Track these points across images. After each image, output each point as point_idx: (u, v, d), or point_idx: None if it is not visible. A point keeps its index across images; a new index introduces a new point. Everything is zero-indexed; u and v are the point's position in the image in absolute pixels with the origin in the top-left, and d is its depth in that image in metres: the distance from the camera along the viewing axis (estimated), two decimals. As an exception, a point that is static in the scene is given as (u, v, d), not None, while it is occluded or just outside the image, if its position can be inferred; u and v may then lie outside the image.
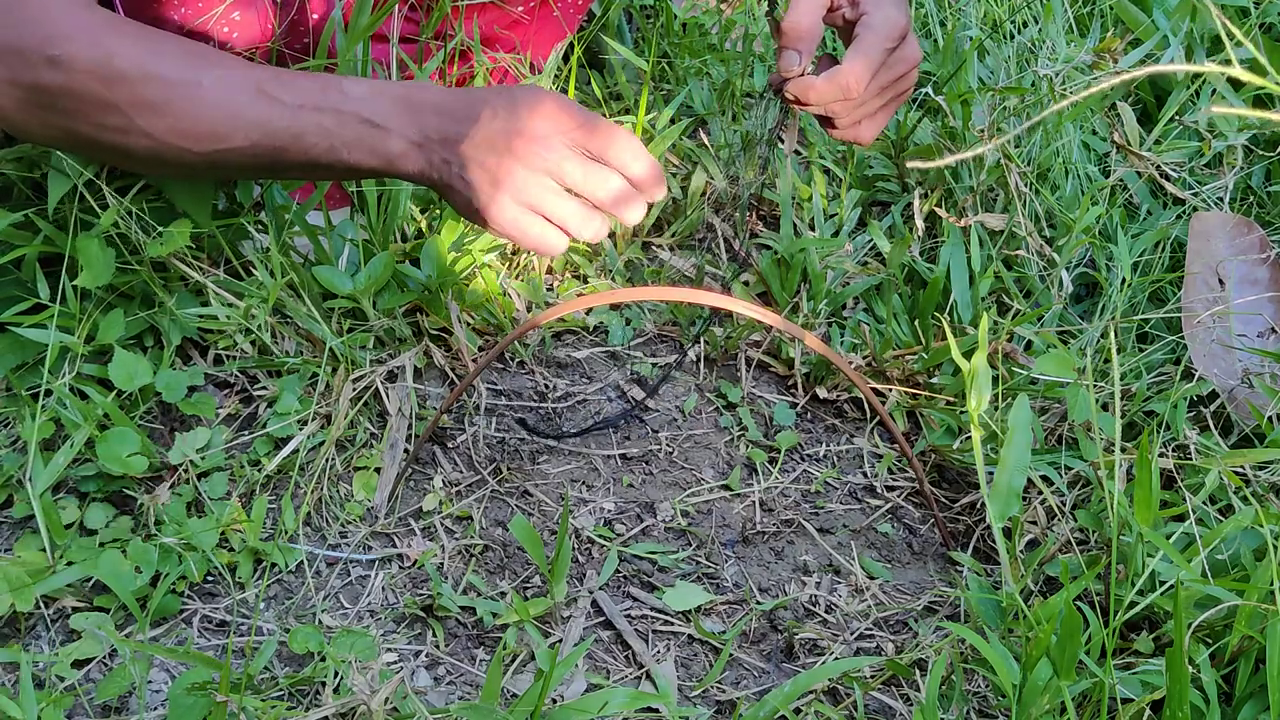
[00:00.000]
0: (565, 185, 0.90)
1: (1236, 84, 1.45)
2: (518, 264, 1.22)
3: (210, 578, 0.95)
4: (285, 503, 0.99)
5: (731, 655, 0.95)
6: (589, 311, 1.21)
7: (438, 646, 0.93)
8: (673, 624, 0.97)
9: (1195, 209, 1.30)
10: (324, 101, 0.89)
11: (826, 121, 1.00)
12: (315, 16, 1.14)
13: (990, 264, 1.22)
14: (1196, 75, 1.37)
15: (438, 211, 1.19)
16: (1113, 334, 0.98)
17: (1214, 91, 1.44)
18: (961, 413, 1.09)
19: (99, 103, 0.86)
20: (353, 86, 0.90)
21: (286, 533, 0.98)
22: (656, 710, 0.89)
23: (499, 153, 0.89)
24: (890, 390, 1.13)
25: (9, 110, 0.87)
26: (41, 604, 0.90)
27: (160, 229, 1.01)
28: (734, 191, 1.32)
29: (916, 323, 1.18)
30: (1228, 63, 1.34)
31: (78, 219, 0.99)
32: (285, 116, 0.89)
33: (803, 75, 0.95)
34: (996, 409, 1.08)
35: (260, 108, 0.89)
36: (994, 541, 1.01)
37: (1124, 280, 1.20)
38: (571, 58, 1.32)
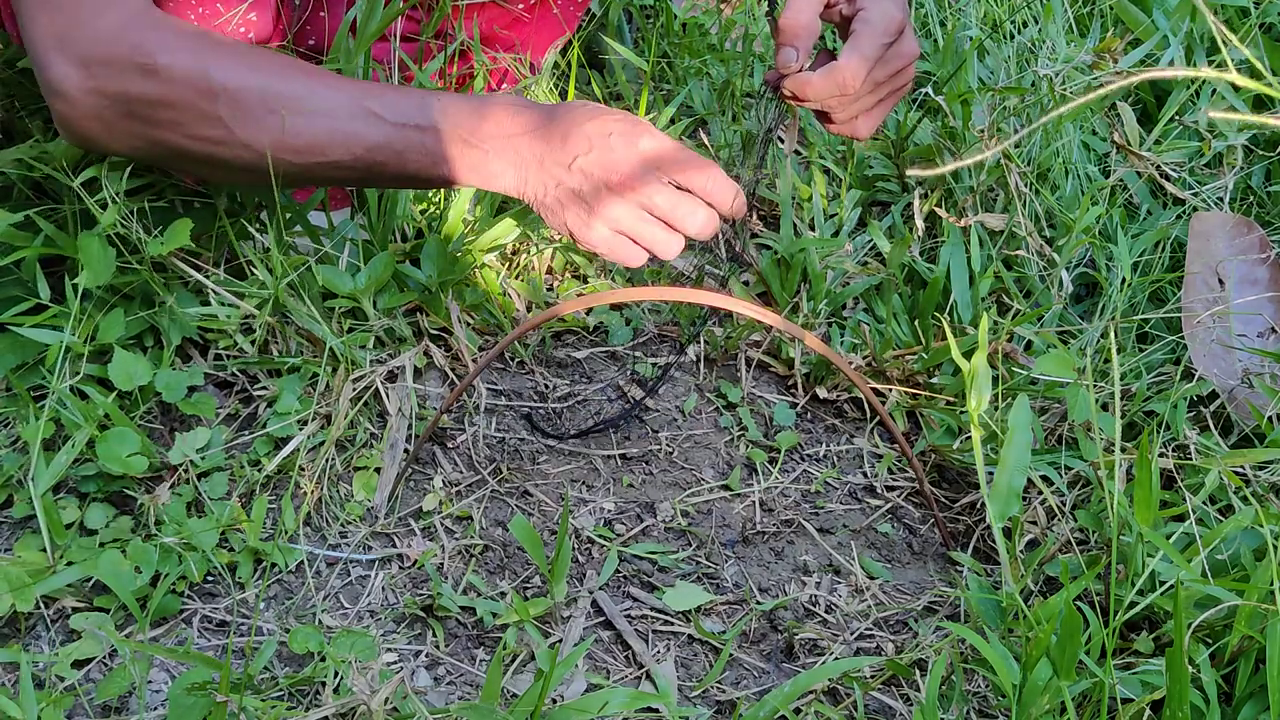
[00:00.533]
0: (654, 215, 0.94)
1: (1237, 84, 1.45)
2: (518, 264, 1.22)
3: (210, 578, 0.95)
4: (285, 503, 0.99)
5: (731, 655, 0.95)
6: (589, 311, 1.21)
7: (438, 646, 0.93)
8: (673, 624, 0.97)
9: (1195, 209, 1.30)
10: (424, 119, 0.93)
11: (824, 116, 1.00)
12: (323, 15, 1.14)
13: (990, 264, 1.22)
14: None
15: (437, 212, 1.19)
16: (1113, 334, 0.98)
17: (1214, 92, 1.44)
18: (961, 413, 1.09)
19: (198, 114, 0.89)
20: (452, 104, 0.94)
21: (286, 533, 0.98)
22: (656, 710, 0.89)
23: (594, 184, 0.93)
24: (890, 390, 1.13)
25: (89, 119, 0.89)
26: (41, 604, 0.90)
27: (162, 228, 1.01)
28: None
29: (916, 323, 1.18)
30: (1226, 64, 1.34)
31: (79, 219, 0.99)
32: (387, 133, 0.92)
33: (800, 71, 0.95)
34: (996, 409, 1.08)
35: (362, 123, 0.92)
36: (994, 541, 1.01)
37: (1124, 280, 1.20)
38: (571, 56, 1.32)
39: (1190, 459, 1.03)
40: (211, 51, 0.90)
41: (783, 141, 1.15)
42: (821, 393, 1.16)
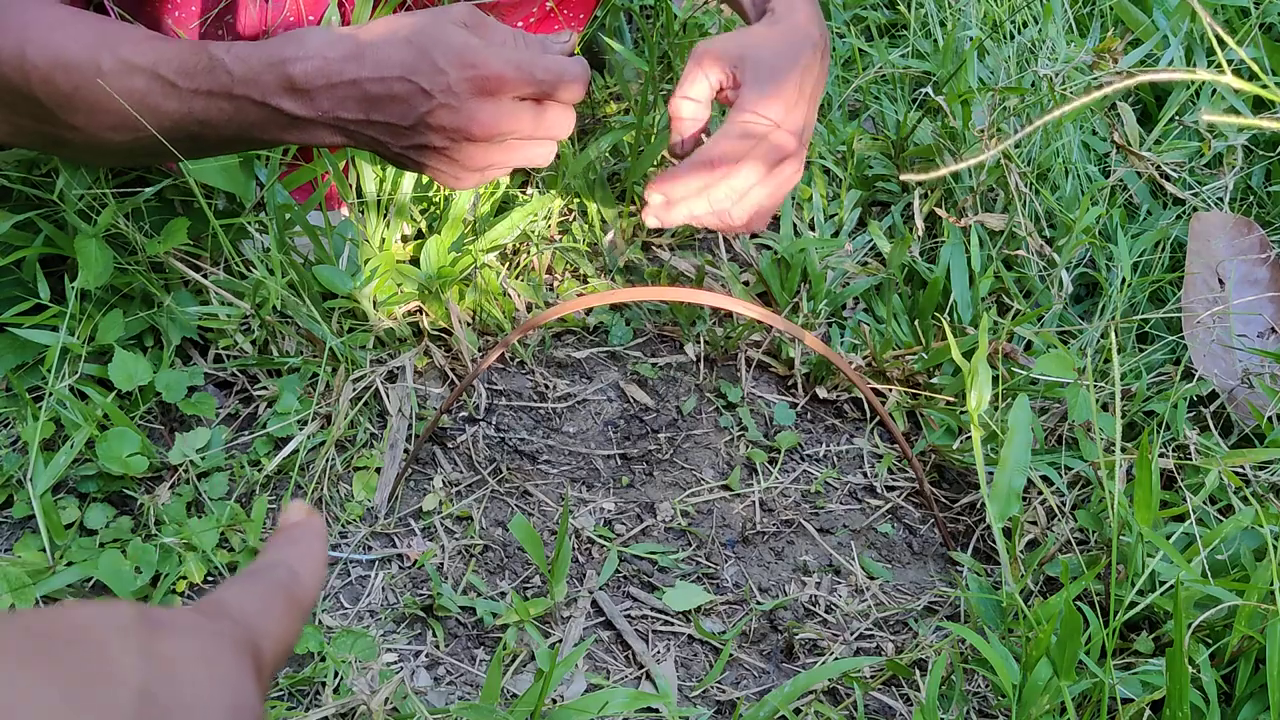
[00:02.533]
0: (520, 137, 0.85)
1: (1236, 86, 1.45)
2: (518, 264, 1.22)
3: (210, 578, 0.95)
4: (285, 503, 0.99)
5: (731, 655, 0.95)
6: (589, 311, 1.21)
7: (438, 646, 0.93)
8: (673, 624, 0.97)
9: (1195, 209, 1.30)
10: (215, 84, 0.82)
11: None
12: (312, 19, 1.14)
13: (990, 264, 1.22)
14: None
15: (437, 212, 1.19)
16: (1113, 334, 0.98)
17: (1214, 92, 1.44)
18: (961, 413, 1.09)
19: (22, 96, 0.82)
20: (235, 63, 0.81)
21: (286, 533, 0.98)
22: (656, 710, 0.89)
23: (451, 139, 0.83)
24: (890, 390, 1.13)
25: None
26: (41, 604, 0.90)
27: (160, 229, 1.01)
28: None
29: (916, 323, 1.18)
30: (1226, 65, 1.34)
31: (79, 218, 0.99)
32: (185, 101, 0.82)
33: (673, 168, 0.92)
34: (996, 409, 1.08)
35: (158, 94, 0.82)
36: (994, 541, 1.01)
37: (1124, 280, 1.20)
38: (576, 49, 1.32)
39: (1190, 459, 1.03)
40: (33, 28, 0.82)
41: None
42: (821, 393, 1.16)
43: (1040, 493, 1.03)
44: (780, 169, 0.93)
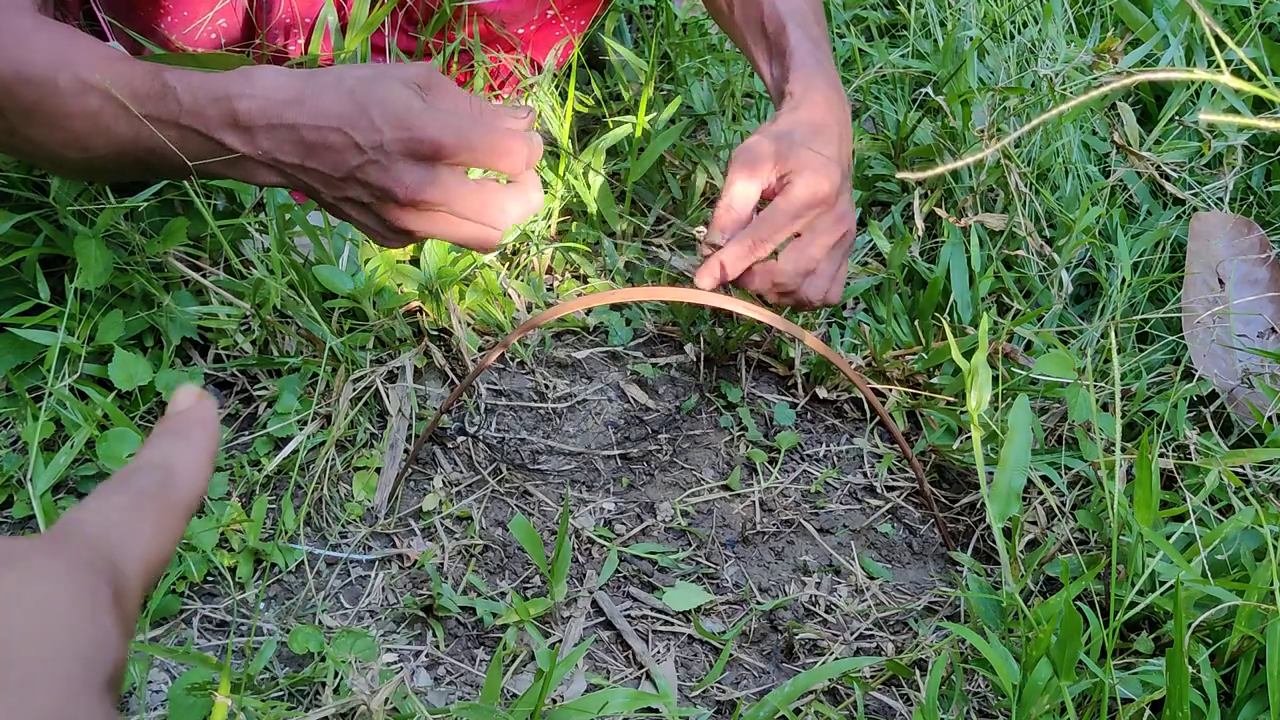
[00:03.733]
0: (449, 211, 0.83)
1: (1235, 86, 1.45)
2: (518, 264, 1.22)
3: (210, 578, 0.95)
4: (285, 503, 0.99)
5: (731, 655, 0.95)
6: (589, 311, 1.21)
7: (438, 646, 0.93)
8: (673, 624, 0.97)
9: (1195, 209, 1.30)
10: (164, 112, 0.81)
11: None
12: (309, 20, 1.14)
13: (990, 264, 1.22)
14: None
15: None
16: (1113, 334, 0.98)
17: (1214, 92, 1.44)
18: (961, 413, 1.09)
19: None
20: (184, 92, 0.80)
21: (286, 533, 0.98)
22: (656, 710, 0.89)
23: (377, 196, 0.81)
24: (890, 390, 1.13)
25: None
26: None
27: (160, 229, 1.01)
28: None
29: (916, 323, 1.18)
30: (1226, 65, 1.34)
31: (75, 220, 0.99)
32: (135, 125, 0.81)
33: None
34: (996, 409, 1.08)
35: (110, 115, 0.81)
36: (994, 541, 1.01)
37: (1124, 280, 1.20)
38: (571, 58, 1.32)
39: (1190, 459, 1.03)
40: (3, 39, 0.81)
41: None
42: (821, 393, 1.16)
43: (1040, 493, 1.03)
44: (844, 241, 1.01)
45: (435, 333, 1.13)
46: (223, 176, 0.84)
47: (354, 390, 1.05)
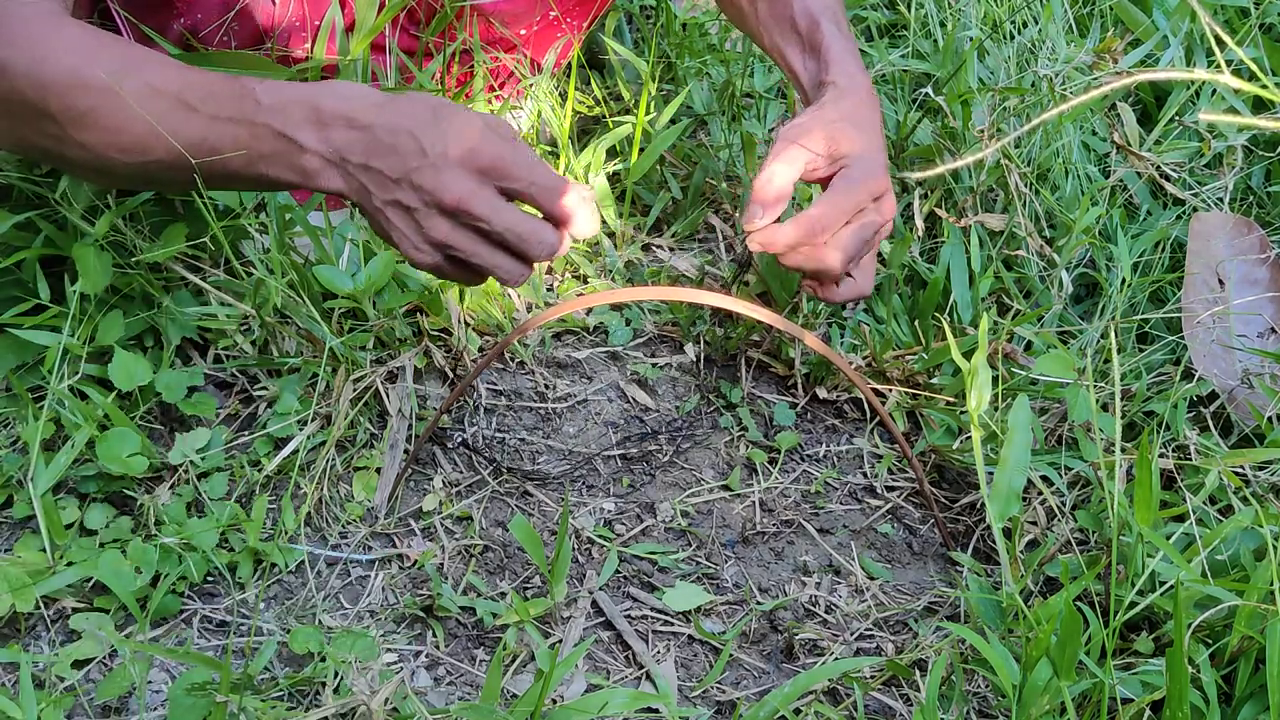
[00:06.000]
0: (500, 242, 0.86)
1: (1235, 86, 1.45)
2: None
3: (210, 578, 0.95)
4: (285, 503, 0.99)
5: (731, 655, 0.95)
6: (589, 311, 1.21)
7: (438, 647, 0.93)
8: (673, 624, 0.97)
9: (1195, 209, 1.30)
10: (239, 112, 0.84)
11: (816, 284, 1.00)
12: (317, 23, 1.14)
13: (990, 264, 1.22)
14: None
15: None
16: (1113, 334, 0.98)
17: (1214, 92, 1.44)
18: (961, 413, 1.09)
19: (35, 111, 0.83)
20: (266, 94, 0.84)
21: (286, 533, 0.98)
22: (656, 710, 0.89)
23: (426, 202, 0.84)
24: (890, 390, 1.13)
25: None
26: (41, 604, 0.90)
27: (160, 230, 1.01)
28: (734, 191, 1.32)
29: (916, 323, 1.18)
30: (1226, 65, 1.34)
31: (78, 220, 0.99)
32: (202, 129, 0.84)
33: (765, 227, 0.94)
34: (996, 409, 1.08)
35: (178, 118, 0.84)
36: (994, 541, 1.01)
37: (1124, 280, 1.20)
38: (572, 55, 1.32)
39: (1190, 459, 1.03)
40: (50, 43, 0.84)
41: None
42: (821, 393, 1.16)
43: (1040, 493, 1.03)
44: (883, 232, 0.99)
45: (435, 333, 1.13)
46: (281, 183, 0.88)
47: (354, 390, 1.05)
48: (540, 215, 0.87)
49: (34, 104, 0.83)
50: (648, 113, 1.29)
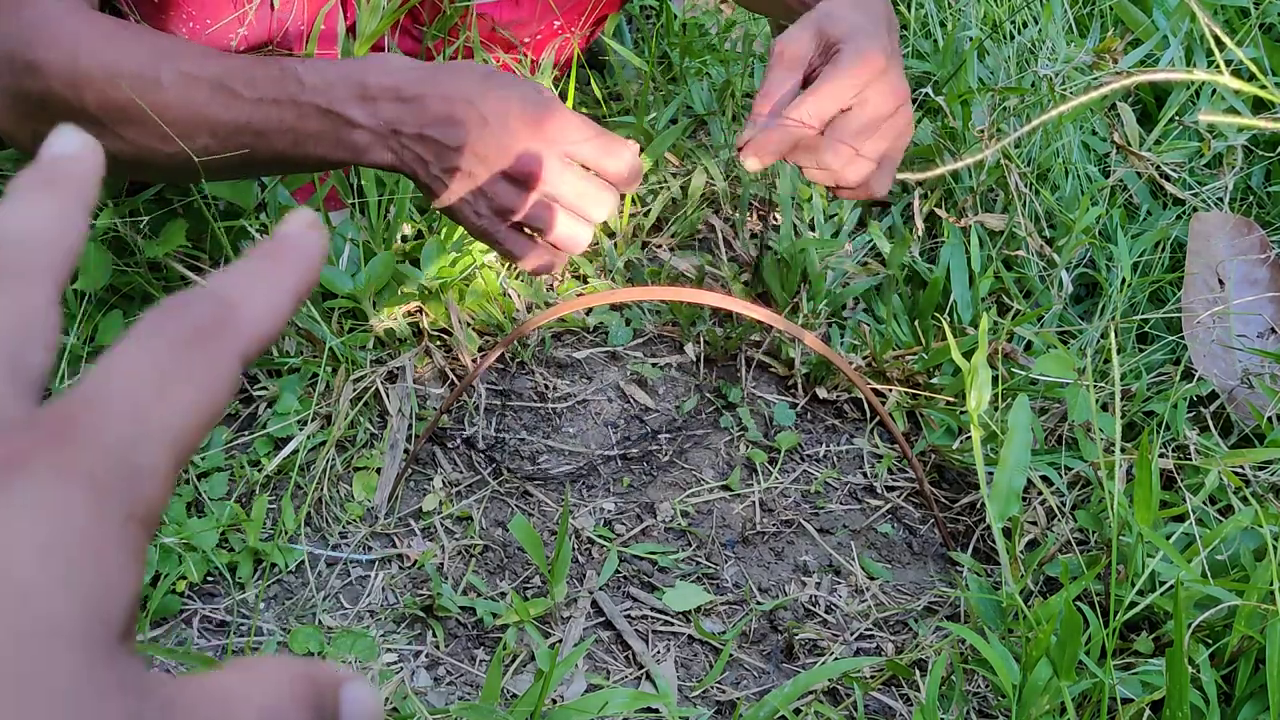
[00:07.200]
0: (560, 204, 0.85)
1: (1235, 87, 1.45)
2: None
3: (210, 578, 0.95)
4: (285, 503, 0.99)
5: (731, 655, 0.95)
6: (589, 311, 1.21)
7: (438, 646, 0.93)
8: (673, 624, 0.97)
9: (1195, 209, 1.30)
10: (282, 93, 0.83)
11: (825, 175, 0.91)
12: (325, 27, 1.14)
13: (990, 264, 1.22)
14: (1196, 75, 1.37)
15: (438, 212, 1.19)
16: (1113, 334, 0.98)
17: (1214, 92, 1.44)
18: (961, 413, 1.09)
19: (74, 109, 0.83)
20: (309, 74, 0.84)
21: (286, 533, 0.98)
22: (656, 710, 0.89)
23: (489, 168, 0.83)
24: (890, 390, 1.13)
25: (2, 118, 0.85)
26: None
27: (159, 229, 1.01)
28: (734, 192, 1.32)
29: (916, 323, 1.18)
30: (1226, 65, 1.34)
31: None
32: (245, 111, 0.83)
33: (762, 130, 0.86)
34: (996, 409, 1.08)
35: (220, 103, 0.84)
36: (994, 542, 1.01)
37: (1124, 280, 1.20)
38: (572, 53, 1.32)
39: (1190, 459, 1.03)
40: (83, 40, 0.83)
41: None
42: (821, 393, 1.16)
43: (1040, 493, 1.03)
44: (898, 119, 0.87)
45: (435, 333, 1.13)
46: (328, 161, 0.86)
47: (354, 390, 1.05)
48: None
49: (68, 102, 0.83)
50: (648, 113, 1.29)
